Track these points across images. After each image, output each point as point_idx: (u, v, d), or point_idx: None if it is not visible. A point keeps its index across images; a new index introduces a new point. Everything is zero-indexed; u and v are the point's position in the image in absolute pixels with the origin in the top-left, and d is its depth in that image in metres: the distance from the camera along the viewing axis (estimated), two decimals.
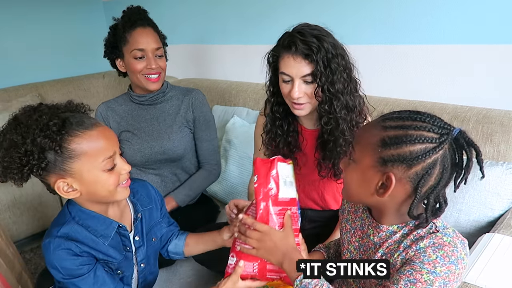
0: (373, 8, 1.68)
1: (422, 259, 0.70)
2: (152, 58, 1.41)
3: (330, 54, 1.07)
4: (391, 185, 0.72)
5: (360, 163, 0.76)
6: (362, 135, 0.78)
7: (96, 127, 0.86)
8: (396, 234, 0.78)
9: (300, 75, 1.09)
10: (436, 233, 0.72)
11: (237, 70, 2.33)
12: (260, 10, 2.09)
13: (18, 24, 2.66)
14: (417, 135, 0.69)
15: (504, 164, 1.26)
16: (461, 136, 0.71)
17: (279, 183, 0.93)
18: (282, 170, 0.94)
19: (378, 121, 0.76)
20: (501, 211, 1.25)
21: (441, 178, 0.71)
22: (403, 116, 0.74)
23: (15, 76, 2.64)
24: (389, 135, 0.72)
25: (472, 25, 1.46)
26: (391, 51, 1.68)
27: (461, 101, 1.49)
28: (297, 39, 1.07)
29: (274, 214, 0.92)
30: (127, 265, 0.98)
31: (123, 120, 1.50)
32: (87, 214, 0.92)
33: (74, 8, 2.91)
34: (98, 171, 0.85)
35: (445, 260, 0.69)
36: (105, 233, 0.92)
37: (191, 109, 1.51)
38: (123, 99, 1.54)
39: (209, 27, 2.40)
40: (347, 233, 0.93)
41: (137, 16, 1.42)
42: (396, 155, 0.70)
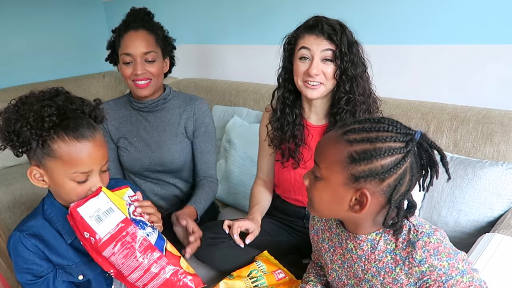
0: (373, 8, 1.68)
1: (441, 273, 0.71)
2: (139, 63, 1.32)
3: (351, 40, 1.14)
4: (367, 202, 0.71)
5: (329, 181, 0.74)
6: (326, 152, 0.74)
7: (87, 140, 0.85)
8: (379, 242, 0.78)
9: (321, 49, 1.13)
10: (422, 238, 0.73)
11: (237, 70, 2.32)
12: (260, 10, 2.09)
13: (18, 24, 2.65)
14: (385, 147, 0.68)
15: (504, 164, 1.26)
16: (424, 140, 0.71)
17: (91, 226, 0.83)
18: (85, 213, 0.84)
19: (340, 135, 0.73)
20: (501, 211, 1.25)
21: (411, 184, 0.72)
22: (366, 128, 0.71)
23: (15, 76, 2.63)
24: (356, 150, 0.69)
25: (473, 25, 1.46)
26: (391, 51, 1.68)
27: (461, 101, 1.49)
28: (322, 20, 1.14)
29: (112, 255, 0.84)
30: (93, 267, 0.95)
31: (122, 126, 1.44)
32: (58, 209, 0.93)
33: (74, 8, 2.91)
34: (67, 178, 0.87)
35: (452, 257, 0.72)
36: (70, 230, 0.92)
37: (193, 119, 1.44)
38: (123, 102, 1.47)
39: (209, 27, 2.40)
40: (327, 252, 0.91)
41: (133, 18, 1.37)
42: (367, 170, 0.69)
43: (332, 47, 1.13)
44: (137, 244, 0.85)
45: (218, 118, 2.08)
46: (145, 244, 0.86)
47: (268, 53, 1.99)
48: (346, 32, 1.14)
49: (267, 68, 2.02)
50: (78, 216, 0.84)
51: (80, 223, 0.84)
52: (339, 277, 0.88)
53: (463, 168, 1.30)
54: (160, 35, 1.39)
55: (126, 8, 3.28)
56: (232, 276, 1.18)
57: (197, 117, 1.44)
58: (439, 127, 1.43)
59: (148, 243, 0.86)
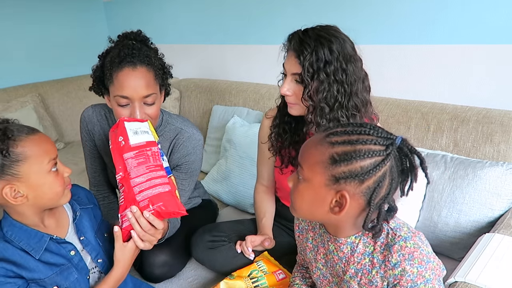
0: (373, 8, 1.68)
1: (411, 278, 0.73)
2: (138, 107, 1.12)
3: (322, 62, 1.00)
4: (346, 203, 0.72)
5: (311, 182, 0.75)
6: (309, 153, 0.76)
7: (37, 132, 0.90)
8: (358, 245, 0.79)
9: (291, 72, 1.05)
10: (399, 242, 0.74)
11: (237, 70, 2.33)
12: (261, 10, 2.09)
13: (18, 24, 2.65)
14: (365, 149, 0.70)
15: (504, 164, 1.26)
16: (404, 145, 0.72)
17: (127, 134, 1.01)
18: (129, 126, 1.03)
19: (323, 137, 0.75)
20: (501, 211, 1.25)
21: (391, 187, 0.73)
22: (348, 131, 0.73)
23: (15, 76, 2.63)
24: (337, 152, 0.71)
25: (472, 25, 1.46)
26: (391, 51, 1.68)
27: (461, 101, 1.50)
28: (296, 36, 1.04)
29: (128, 159, 1.00)
30: (67, 275, 0.96)
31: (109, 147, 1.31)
32: (19, 228, 0.92)
33: (74, 8, 2.91)
34: (44, 172, 0.88)
35: (423, 265, 0.72)
36: (36, 246, 0.92)
37: (179, 154, 1.29)
38: (112, 120, 1.32)
39: (209, 27, 2.41)
40: (311, 251, 0.92)
41: (127, 50, 1.12)
42: (347, 171, 0.70)
43: (299, 68, 1.02)
44: (151, 159, 1.01)
45: (218, 118, 2.08)
46: (158, 162, 1.02)
47: (268, 53, 1.99)
48: (318, 53, 0.99)
49: (267, 68, 2.03)
50: (123, 125, 1.03)
51: (121, 130, 1.02)
52: (323, 275, 0.90)
53: (463, 168, 1.30)
54: (159, 67, 1.18)
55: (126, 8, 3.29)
56: (232, 276, 1.18)
57: (182, 154, 1.29)
58: (439, 127, 1.43)
59: (161, 163, 1.03)
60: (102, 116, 1.33)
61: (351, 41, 1.07)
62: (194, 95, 2.31)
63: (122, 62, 1.11)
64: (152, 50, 1.20)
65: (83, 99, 2.70)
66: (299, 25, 1.12)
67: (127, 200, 0.98)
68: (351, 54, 1.04)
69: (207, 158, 2.10)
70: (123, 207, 0.99)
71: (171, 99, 2.34)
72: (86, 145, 1.36)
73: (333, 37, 1.02)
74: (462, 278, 0.93)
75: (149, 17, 2.72)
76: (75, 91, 2.74)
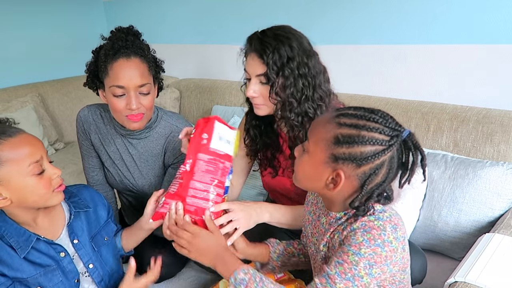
0: (373, 8, 1.68)
1: (351, 241, 0.75)
2: (134, 97, 1.15)
3: (285, 57, 1.02)
4: (340, 182, 0.75)
5: (313, 156, 0.78)
6: (317, 129, 0.79)
7: (19, 134, 0.87)
8: (342, 219, 0.82)
9: (255, 74, 1.06)
10: (370, 217, 0.76)
11: (237, 70, 2.32)
12: (260, 10, 2.09)
13: (18, 24, 2.65)
14: (369, 136, 0.72)
15: (505, 164, 1.26)
16: (410, 139, 0.74)
17: (213, 136, 0.99)
18: (219, 128, 1.00)
19: (333, 116, 0.77)
20: (501, 211, 1.25)
21: (387, 177, 0.75)
22: (358, 115, 0.75)
23: (15, 76, 2.63)
24: (342, 133, 0.74)
25: (473, 25, 1.46)
26: (391, 51, 1.68)
27: (461, 101, 1.50)
28: (255, 37, 1.06)
29: (201, 160, 0.98)
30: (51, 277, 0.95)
31: (106, 143, 1.35)
32: (10, 225, 0.92)
33: (74, 8, 2.91)
34: (25, 176, 0.86)
35: (371, 242, 0.73)
36: (23, 244, 0.92)
37: (173, 151, 1.32)
38: (108, 119, 1.33)
39: (209, 27, 2.40)
40: (309, 225, 0.96)
41: (121, 42, 1.16)
42: (347, 153, 0.73)
43: (263, 68, 1.04)
44: (220, 173, 1.00)
45: None
46: (223, 179, 1.00)
47: None
48: (280, 50, 1.02)
49: None
50: (213, 124, 1.00)
51: (209, 127, 0.99)
52: (316, 250, 0.92)
53: (464, 168, 1.30)
54: (152, 60, 1.23)
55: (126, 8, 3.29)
56: None
57: (177, 152, 1.33)
58: (439, 127, 1.43)
59: (225, 181, 1.01)
60: (97, 115, 1.34)
61: (306, 38, 1.10)
62: (194, 95, 2.31)
63: (117, 53, 1.14)
64: (144, 44, 1.23)
65: (83, 99, 2.70)
66: (298, 25, 1.12)
67: (179, 193, 0.98)
68: (309, 49, 1.08)
69: None
70: (171, 195, 0.99)
71: (171, 99, 2.34)
72: (83, 144, 1.37)
73: (290, 34, 1.06)
74: (462, 278, 0.93)
75: (149, 17, 2.72)
76: (75, 91, 2.74)
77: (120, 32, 1.21)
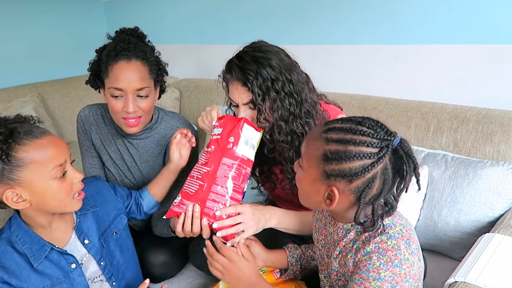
0: (373, 9, 1.68)
1: (368, 267, 0.73)
2: (131, 100, 1.14)
3: (269, 81, 0.99)
4: (335, 198, 0.75)
5: (307, 173, 0.79)
6: (308, 146, 0.79)
7: (45, 135, 0.86)
8: (351, 232, 0.81)
9: (242, 102, 1.04)
10: (382, 236, 0.74)
11: None
12: (260, 10, 2.09)
13: (18, 24, 2.65)
14: (356, 151, 0.70)
15: (505, 164, 1.26)
16: (401, 147, 0.71)
17: (240, 140, 0.97)
18: (247, 131, 0.98)
19: (321, 131, 0.76)
20: (502, 211, 1.25)
21: (382, 188, 0.73)
22: (345, 128, 0.73)
23: (15, 76, 2.63)
24: (330, 150, 0.73)
25: (472, 25, 1.46)
26: (391, 51, 1.68)
27: (461, 101, 1.49)
28: (234, 65, 1.02)
29: (225, 164, 0.97)
30: None
31: (107, 143, 1.35)
32: (25, 231, 0.91)
33: (74, 8, 2.91)
34: (48, 179, 0.85)
35: (388, 265, 0.71)
36: (37, 253, 0.90)
37: None
38: (108, 118, 1.33)
39: (209, 27, 2.40)
40: (316, 232, 0.96)
41: (123, 44, 1.15)
42: (337, 170, 0.72)
43: (248, 96, 1.01)
44: (241, 179, 1.00)
45: None
46: (243, 185, 1.01)
47: None
48: (262, 74, 0.98)
49: None
50: (240, 126, 0.98)
51: (236, 131, 0.98)
52: (321, 256, 0.94)
53: (464, 168, 1.30)
54: (154, 63, 1.21)
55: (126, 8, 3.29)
56: None
57: None
58: (439, 127, 1.43)
59: (244, 187, 1.02)
60: (98, 115, 1.34)
61: (282, 49, 1.07)
62: (194, 95, 2.31)
63: (118, 55, 1.14)
64: (148, 47, 1.22)
65: (83, 99, 2.70)
66: (298, 25, 1.12)
67: (197, 195, 0.97)
68: (289, 62, 1.05)
69: None
70: (189, 196, 0.98)
71: (171, 99, 2.34)
72: (84, 144, 1.37)
73: (267, 53, 1.02)
74: (462, 278, 0.93)
75: (149, 17, 2.72)
76: (75, 91, 2.74)
77: (123, 33, 1.21)
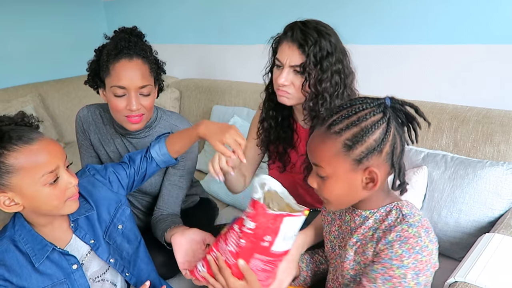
0: (373, 8, 1.68)
1: (390, 255, 0.74)
2: (134, 97, 1.16)
3: (325, 51, 1.05)
4: (377, 177, 0.76)
5: (336, 175, 0.78)
6: (321, 151, 0.78)
7: (38, 141, 0.83)
8: (369, 220, 0.82)
9: (290, 63, 1.07)
10: (403, 225, 0.76)
11: (237, 70, 2.33)
12: (260, 10, 2.09)
13: (18, 24, 2.65)
14: (370, 123, 0.73)
15: (504, 164, 1.26)
16: (395, 102, 0.77)
17: (277, 237, 0.84)
18: (287, 225, 0.84)
19: (324, 132, 0.77)
20: (501, 211, 1.25)
21: (401, 141, 0.78)
22: (345, 114, 0.76)
23: (15, 76, 2.63)
24: (347, 137, 0.74)
25: (472, 25, 1.46)
26: (391, 51, 1.68)
27: (461, 101, 1.50)
28: (297, 27, 1.07)
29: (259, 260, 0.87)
30: None
31: (105, 143, 1.35)
32: (28, 231, 0.90)
33: (74, 8, 2.91)
34: (38, 185, 0.83)
35: (410, 252, 0.73)
36: (39, 253, 0.89)
37: None
38: (108, 118, 1.33)
39: (209, 27, 2.41)
40: (329, 225, 0.97)
41: (124, 43, 1.16)
42: (365, 149, 0.74)
43: (301, 59, 1.05)
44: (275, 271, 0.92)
45: (218, 118, 2.08)
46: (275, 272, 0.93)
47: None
48: (320, 43, 1.04)
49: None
50: (280, 221, 0.82)
51: (275, 226, 0.83)
52: (332, 248, 0.95)
53: (464, 168, 1.30)
54: (153, 61, 1.23)
55: (126, 8, 3.29)
56: None
57: None
58: (439, 127, 1.43)
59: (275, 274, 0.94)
60: (97, 115, 1.35)
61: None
62: (194, 95, 2.31)
63: (119, 54, 1.14)
64: (147, 46, 1.23)
65: (83, 99, 2.70)
66: None
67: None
68: (343, 48, 1.11)
69: (208, 158, 2.09)
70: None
71: (171, 99, 2.34)
72: (82, 144, 1.37)
73: (330, 31, 1.09)
74: (462, 278, 0.93)
75: (149, 17, 2.72)
76: (75, 91, 2.74)
77: (123, 32, 1.21)
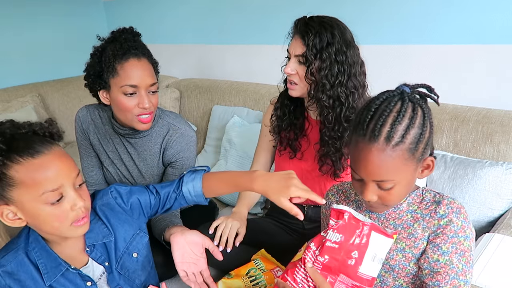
0: (373, 9, 1.68)
1: (454, 229, 0.77)
2: (146, 96, 1.17)
3: (325, 43, 1.12)
4: (433, 162, 0.79)
5: (404, 179, 0.77)
6: (388, 167, 0.74)
7: (43, 155, 0.76)
8: (403, 204, 0.84)
9: (295, 53, 1.16)
10: (445, 199, 0.80)
11: (237, 70, 2.33)
12: (261, 10, 2.09)
13: (18, 24, 2.66)
14: (419, 120, 0.74)
15: (504, 164, 1.26)
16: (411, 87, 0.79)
17: (366, 255, 0.76)
18: (375, 242, 0.76)
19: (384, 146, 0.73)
20: (501, 211, 1.25)
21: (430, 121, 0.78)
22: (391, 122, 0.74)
23: (15, 76, 2.63)
24: (411, 142, 0.74)
25: (472, 25, 1.46)
26: (391, 51, 1.68)
27: (461, 101, 1.49)
28: (302, 20, 1.16)
29: (343, 283, 0.78)
30: None
31: (104, 143, 1.35)
32: (42, 246, 0.85)
33: (74, 8, 2.91)
34: (39, 203, 0.77)
35: (466, 221, 0.78)
36: (51, 271, 0.85)
37: (172, 150, 1.32)
38: (107, 118, 1.33)
39: (209, 27, 2.40)
40: None
41: (130, 43, 1.17)
42: (423, 145, 0.76)
43: (302, 49, 1.14)
44: None
45: (218, 118, 2.08)
46: None
47: (268, 53, 1.99)
48: (322, 34, 1.12)
49: (267, 68, 2.03)
50: (369, 234, 0.77)
51: (365, 243, 0.77)
52: None
53: (463, 168, 1.30)
54: (154, 61, 1.26)
55: (126, 8, 3.29)
56: (230, 275, 1.18)
57: (176, 150, 1.32)
58: (439, 127, 1.43)
59: None
60: (96, 115, 1.35)
61: (351, 32, 1.19)
62: (194, 95, 2.31)
63: (126, 53, 1.16)
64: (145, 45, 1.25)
65: (83, 99, 2.70)
66: None
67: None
68: (350, 40, 1.17)
69: (207, 158, 2.09)
70: None
71: (171, 99, 2.34)
72: (82, 144, 1.37)
73: (334, 24, 1.16)
74: None
75: (149, 17, 2.72)
76: (75, 91, 2.74)
77: (125, 33, 1.21)
